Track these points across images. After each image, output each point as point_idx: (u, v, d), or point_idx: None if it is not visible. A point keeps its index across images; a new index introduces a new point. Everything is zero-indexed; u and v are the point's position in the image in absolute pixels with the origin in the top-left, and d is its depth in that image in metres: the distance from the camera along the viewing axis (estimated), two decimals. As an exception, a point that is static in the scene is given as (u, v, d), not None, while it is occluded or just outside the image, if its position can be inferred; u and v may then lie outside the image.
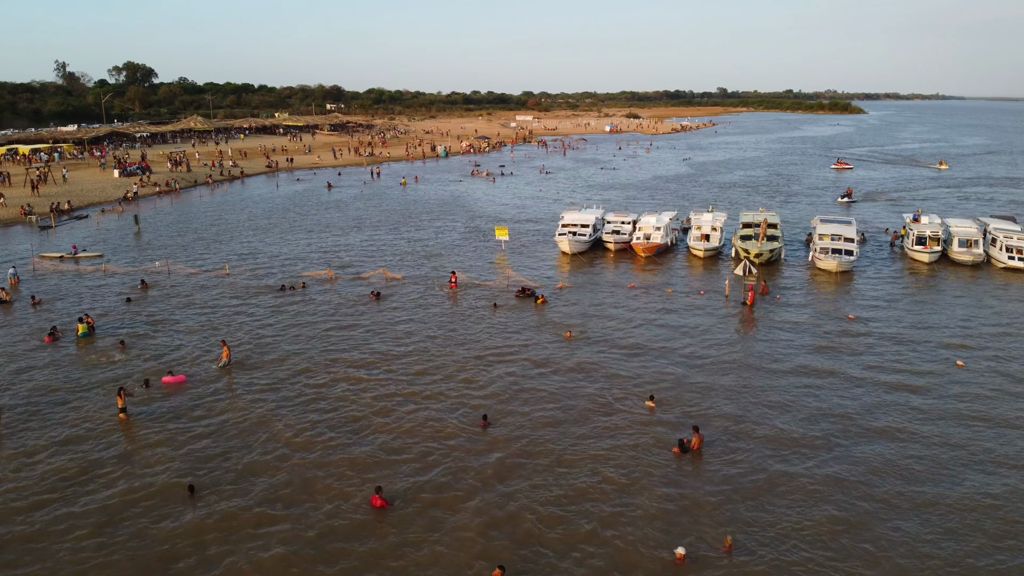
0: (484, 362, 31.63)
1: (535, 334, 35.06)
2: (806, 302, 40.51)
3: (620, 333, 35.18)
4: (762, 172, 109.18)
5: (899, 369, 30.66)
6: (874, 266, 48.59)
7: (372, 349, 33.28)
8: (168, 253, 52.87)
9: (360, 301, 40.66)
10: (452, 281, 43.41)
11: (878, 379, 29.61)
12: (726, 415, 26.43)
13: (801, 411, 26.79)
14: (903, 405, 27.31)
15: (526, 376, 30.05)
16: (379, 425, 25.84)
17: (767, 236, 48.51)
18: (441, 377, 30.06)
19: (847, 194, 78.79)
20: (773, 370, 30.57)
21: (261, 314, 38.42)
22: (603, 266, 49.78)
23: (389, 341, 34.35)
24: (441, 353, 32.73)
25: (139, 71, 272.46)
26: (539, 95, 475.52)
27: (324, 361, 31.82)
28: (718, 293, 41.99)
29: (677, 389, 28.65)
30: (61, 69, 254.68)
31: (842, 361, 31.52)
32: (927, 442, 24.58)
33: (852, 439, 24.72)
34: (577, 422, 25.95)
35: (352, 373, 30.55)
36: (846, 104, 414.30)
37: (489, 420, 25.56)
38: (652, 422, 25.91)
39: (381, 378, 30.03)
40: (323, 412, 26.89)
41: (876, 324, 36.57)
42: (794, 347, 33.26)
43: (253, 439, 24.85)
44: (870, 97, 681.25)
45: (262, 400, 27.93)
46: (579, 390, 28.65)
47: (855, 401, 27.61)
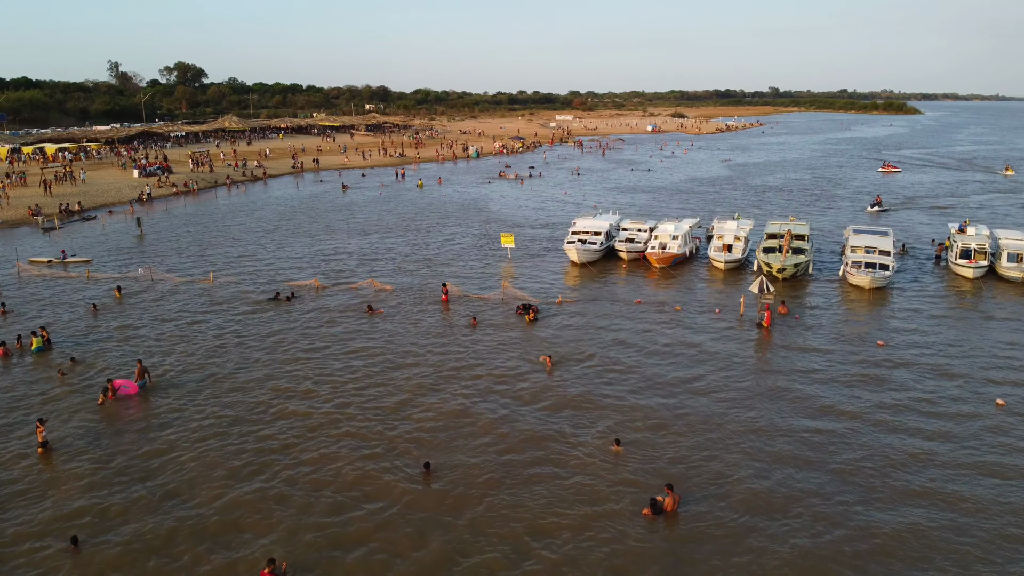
0: (440, 392, 28.21)
1: (509, 358, 31.48)
2: (832, 324, 36.25)
3: (611, 357, 31.46)
4: (805, 175, 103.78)
5: (929, 410, 26.40)
6: (913, 282, 43.93)
7: (326, 372, 30.18)
8: (163, 258, 50.81)
9: (341, 314, 37.67)
10: (444, 293, 40.17)
11: (903, 423, 25.45)
12: (714, 466, 22.65)
13: (810, 464, 22.82)
14: (930, 457, 23.16)
15: (483, 412, 26.49)
16: (300, 475, 22.65)
17: (793, 249, 44.18)
18: (390, 405, 26.75)
19: (876, 202, 72.47)
20: (782, 409, 26.60)
21: (229, 328, 35.69)
22: (613, 278, 46.06)
23: (348, 361, 31.24)
24: (397, 379, 29.44)
25: (189, 71, 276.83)
26: (586, 95, 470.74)
27: (266, 385, 28.85)
28: (733, 311, 37.99)
29: (659, 430, 24.90)
30: (114, 69, 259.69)
31: (864, 399, 27.37)
32: (965, 508, 20.50)
33: (872, 504, 20.73)
34: (527, 469, 22.44)
35: (292, 407, 27.49)
36: (901, 104, 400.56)
37: (432, 469, 22.20)
38: (622, 480, 22.25)
39: (322, 413, 26.90)
40: (237, 453, 23.83)
41: (908, 352, 32.21)
42: (810, 380, 29.19)
43: (159, 481, 21.94)
44: (927, 97, 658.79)
45: (188, 430, 25.04)
46: (541, 429, 25.07)
47: (875, 452, 23.53)
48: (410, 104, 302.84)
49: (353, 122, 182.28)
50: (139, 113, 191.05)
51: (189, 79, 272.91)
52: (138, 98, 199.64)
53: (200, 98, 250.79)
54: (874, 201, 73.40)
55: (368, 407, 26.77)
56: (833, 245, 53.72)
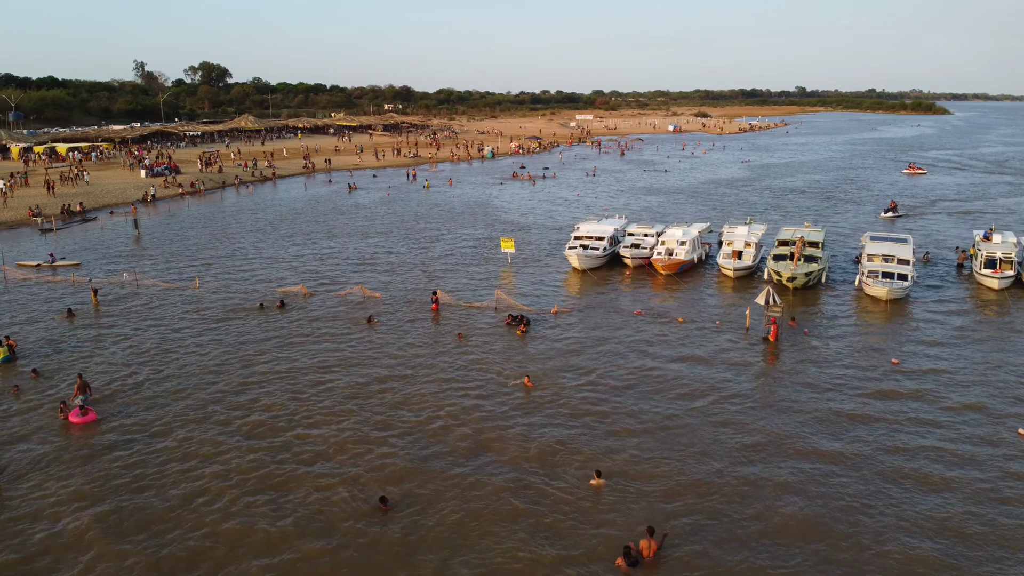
0: (414, 414, 26.34)
1: (489, 379, 29.38)
2: (844, 339, 33.83)
3: (600, 376, 29.32)
4: (827, 177, 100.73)
5: (945, 440, 24.06)
6: (934, 293, 41.31)
7: (295, 391, 28.38)
8: (155, 261, 49.52)
9: (325, 324, 35.91)
10: (434, 302, 38.28)
11: (916, 454, 23.14)
12: (707, 503, 20.55)
13: (812, 506, 20.69)
14: (949, 503, 20.88)
15: (454, 439, 24.54)
16: (241, 507, 20.91)
17: (806, 256, 41.70)
18: (349, 433, 24.85)
19: (891, 207, 68.12)
20: (780, 442, 24.30)
21: (205, 339, 34.05)
22: (616, 286, 43.93)
23: (321, 377, 29.44)
24: (371, 402, 27.57)
25: (214, 71, 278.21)
26: (609, 94, 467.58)
27: (229, 401, 27.14)
28: (739, 324, 35.70)
29: (646, 461, 22.78)
30: (140, 69, 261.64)
31: (872, 429, 25.03)
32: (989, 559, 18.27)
33: (875, 567, 18.56)
34: (494, 503, 20.46)
35: (248, 434, 25.75)
36: (930, 104, 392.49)
37: (390, 504, 20.29)
38: (601, 520, 20.22)
39: (279, 443, 25.12)
40: (193, 481, 22.12)
41: (925, 372, 29.79)
42: (814, 406, 26.85)
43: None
44: (957, 97, 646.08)
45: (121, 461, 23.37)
46: (515, 458, 23.08)
47: (878, 500, 21.29)
48: (431, 104, 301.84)
49: (371, 122, 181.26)
50: (160, 113, 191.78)
51: (214, 79, 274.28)
52: (159, 97, 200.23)
53: (223, 98, 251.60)
54: (888, 206, 69.39)
55: (335, 435, 24.94)
56: (852, 251, 51.14)
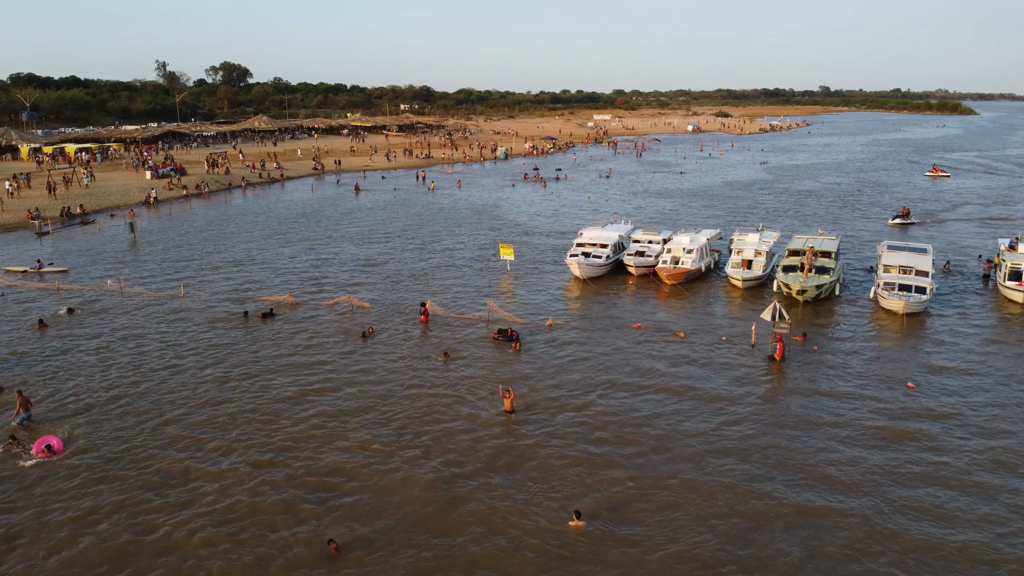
0: (383, 450, 24.54)
1: (471, 402, 27.55)
2: (855, 358, 31.62)
3: (588, 399, 27.34)
4: (847, 179, 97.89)
5: (961, 476, 21.92)
6: (955, 307, 38.90)
7: (260, 420, 26.71)
8: (147, 266, 48.21)
9: (306, 340, 34.26)
10: (423, 313, 36.50)
11: (931, 503, 21.03)
12: (695, 553, 18.60)
13: (815, 560, 18.68)
14: (968, 553, 18.79)
15: (421, 473, 22.79)
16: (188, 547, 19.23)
17: (817, 268, 39.40)
18: (303, 469, 23.16)
19: (902, 214, 63.90)
20: (783, 475, 22.36)
21: (180, 353, 32.53)
22: (619, 296, 41.94)
23: (292, 406, 27.77)
24: (342, 429, 25.85)
25: (235, 71, 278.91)
26: (630, 94, 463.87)
27: (186, 422, 25.53)
28: (744, 340, 33.61)
29: (633, 500, 20.87)
30: (162, 68, 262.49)
31: (884, 467, 22.97)
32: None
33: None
34: (460, 546, 18.64)
35: (199, 465, 24.09)
36: (956, 104, 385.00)
37: (339, 548, 18.53)
38: (579, 572, 18.33)
39: (231, 472, 23.44)
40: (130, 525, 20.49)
41: (943, 397, 27.57)
42: (821, 436, 24.79)
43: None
44: (983, 97, 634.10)
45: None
46: (486, 495, 21.24)
47: (893, 541, 19.24)
48: (449, 104, 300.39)
49: (385, 122, 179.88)
50: (183, 113, 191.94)
51: (234, 79, 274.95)
52: (176, 98, 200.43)
53: (242, 98, 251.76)
54: (898, 212, 64.95)
55: (293, 468, 23.24)
56: (869, 259, 48.76)
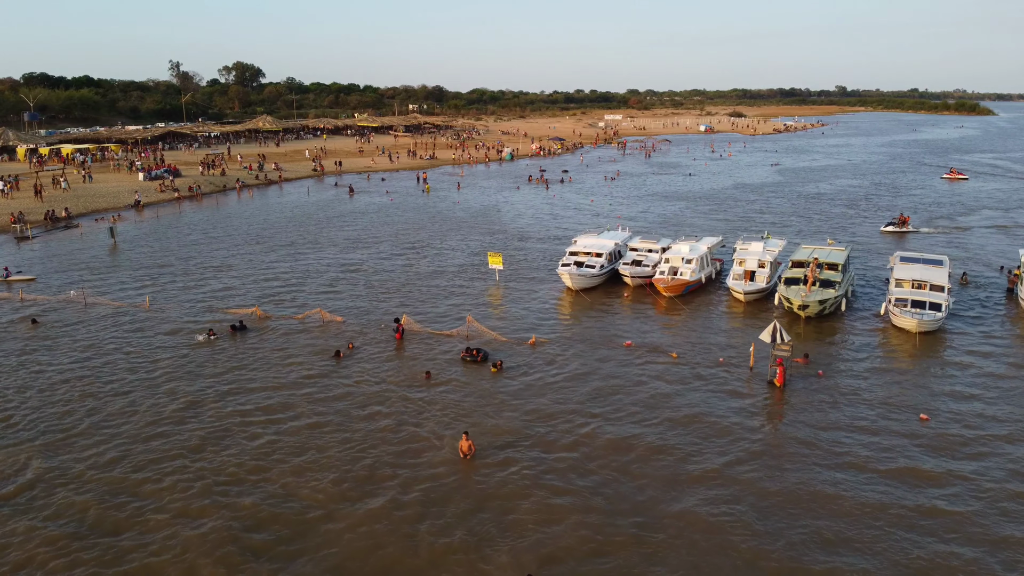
0: (344, 495, 22.16)
1: (426, 435, 25.12)
2: (864, 384, 28.85)
3: (560, 432, 24.68)
4: (861, 181, 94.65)
5: (988, 539, 19.22)
6: (973, 324, 35.97)
7: (202, 455, 24.35)
8: (119, 274, 46.06)
9: (268, 356, 31.88)
10: (397, 330, 33.99)
11: (946, 556, 18.36)
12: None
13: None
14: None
15: (353, 539, 20.37)
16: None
17: (822, 281, 36.55)
18: (256, 508, 20.79)
19: (899, 220, 59.57)
20: (780, 529, 19.73)
21: (136, 372, 30.25)
22: (612, 309, 39.30)
23: (241, 442, 25.38)
24: (294, 465, 23.47)
25: (247, 71, 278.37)
26: (644, 93, 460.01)
27: (126, 457, 23.19)
28: (742, 362, 30.90)
29: (599, 554, 18.32)
30: (175, 68, 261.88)
31: (893, 521, 20.29)
32: None
33: None
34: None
35: (123, 515, 21.72)
36: (974, 105, 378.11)
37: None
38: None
39: (160, 520, 21.05)
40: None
41: (960, 430, 24.81)
42: (825, 479, 22.14)
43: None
44: (1002, 98, 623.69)
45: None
46: (437, 542, 18.76)
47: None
48: (461, 104, 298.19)
49: (392, 123, 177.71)
50: (189, 112, 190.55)
51: (247, 79, 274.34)
52: (184, 98, 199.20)
53: (254, 98, 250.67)
54: (894, 219, 60.51)
55: (238, 513, 20.85)
56: (882, 270, 45.88)
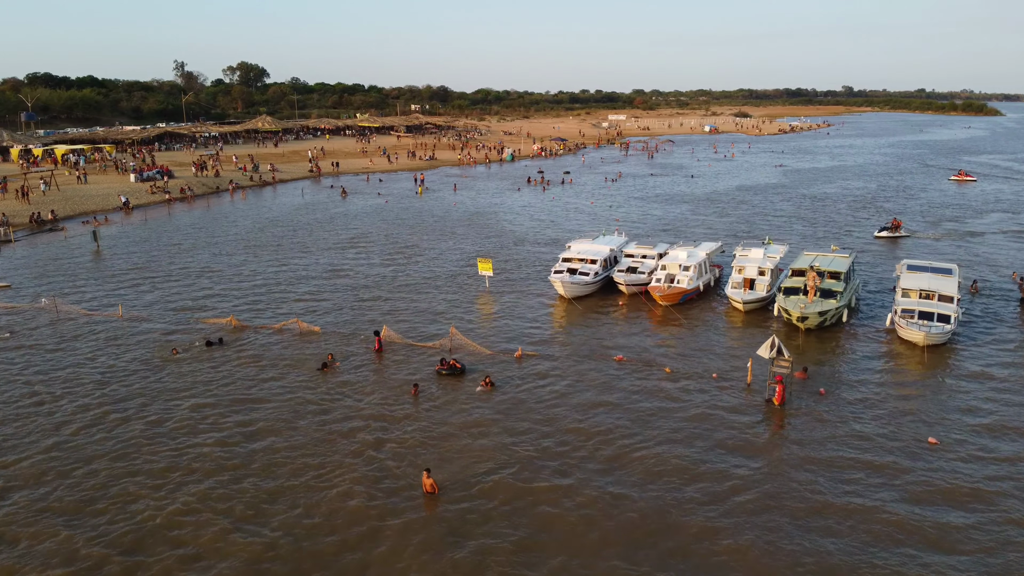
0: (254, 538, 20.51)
1: (388, 468, 23.54)
2: (868, 403, 27.06)
3: (540, 457, 23.04)
4: (868, 184, 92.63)
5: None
6: (986, 335, 34.14)
7: (151, 487, 22.76)
8: (96, 282, 44.56)
9: (240, 368, 30.28)
10: (376, 343, 32.31)
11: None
12: None
13: None
14: None
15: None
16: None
17: (823, 291, 34.63)
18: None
19: (894, 225, 57.48)
20: (778, 565, 18.04)
21: (96, 389, 28.71)
22: (606, 319, 37.56)
23: (187, 488, 23.78)
24: (223, 494, 21.85)
25: (251, 71, 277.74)
26: (650, 93, 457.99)
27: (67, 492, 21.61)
28: (739, 377, 29.16)
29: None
30: (180, 68, 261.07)
31: (902, 564, 18.58)
32: None
33: None
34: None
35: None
36: (981, 105, 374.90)
37: None
38: None
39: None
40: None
41: (973, 456, 23.03)
42: (825, 526, 20.42)
43: None
44: (1009, 98, 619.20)
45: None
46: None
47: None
48: (465, 104, 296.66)
49: (393, 123, 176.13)
50: (192, 112, 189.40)
51: (252, 79, 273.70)
52: (188, 97, 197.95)
53: (257, 98, 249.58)
54: (886, 224, 58.24)
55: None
56: (888, 278, 44.09)
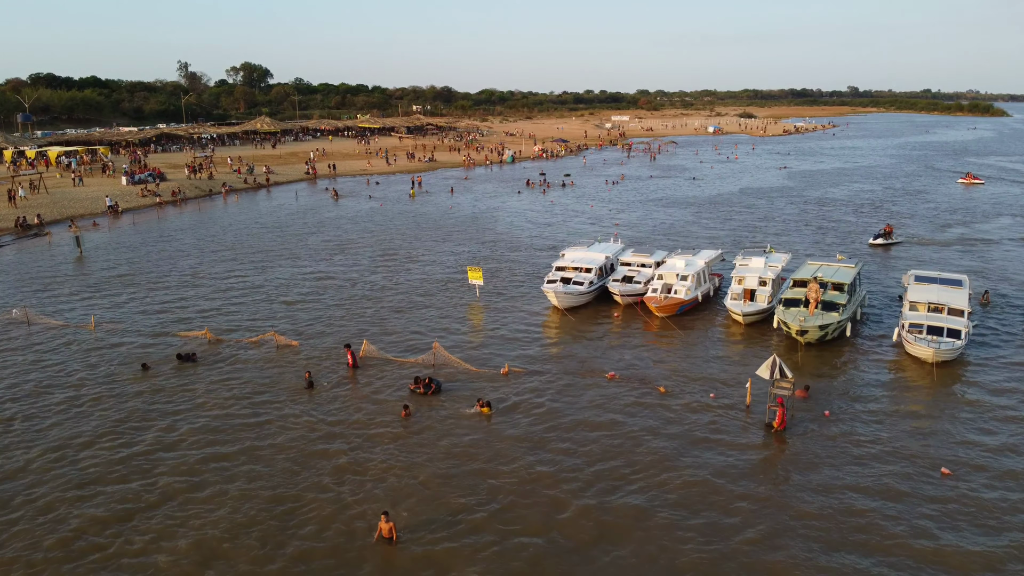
0: None
1: (342, 521, 21.92)
2: (875, 427, 25.32)
3: (520, 491, 21.39)
4: (874, 186, 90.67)
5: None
6: (999, 351, 32.31)
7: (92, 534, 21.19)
8: (74, 291, 43.07)
9: (212, 388, 28.71)
10: (349, 357, 30.61)
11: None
12: None
13: None
14: None
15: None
16: None
17: (824, 303, 32.83)
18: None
19: (884, 232, 55.63)
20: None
21: (52, 407, 27.18)
22: (599, 331, 35.86)
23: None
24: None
25: (255, 72, 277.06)
26: (654, 94, 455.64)
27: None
28: (738, 398, 27.45)
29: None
30: (183, 69, 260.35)
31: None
32: None
33: None
34: None
35: None
36: (987, 106, 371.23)
37: None
38: None
39: None
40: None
41: (991, 487, 21.31)
42: (831, 556, 18.76)
43: None
44: (1015, 98, 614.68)
45: None
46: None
47: None
48: (468, 105, 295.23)
49: (394, 123, 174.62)
50: (193, 113, 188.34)
51: (255, 80, 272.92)
52: (188, 98, 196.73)
53: (260, 98, 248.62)
54: (880, 231, 56.31)
55: None
56: (896, 287, 42.36)
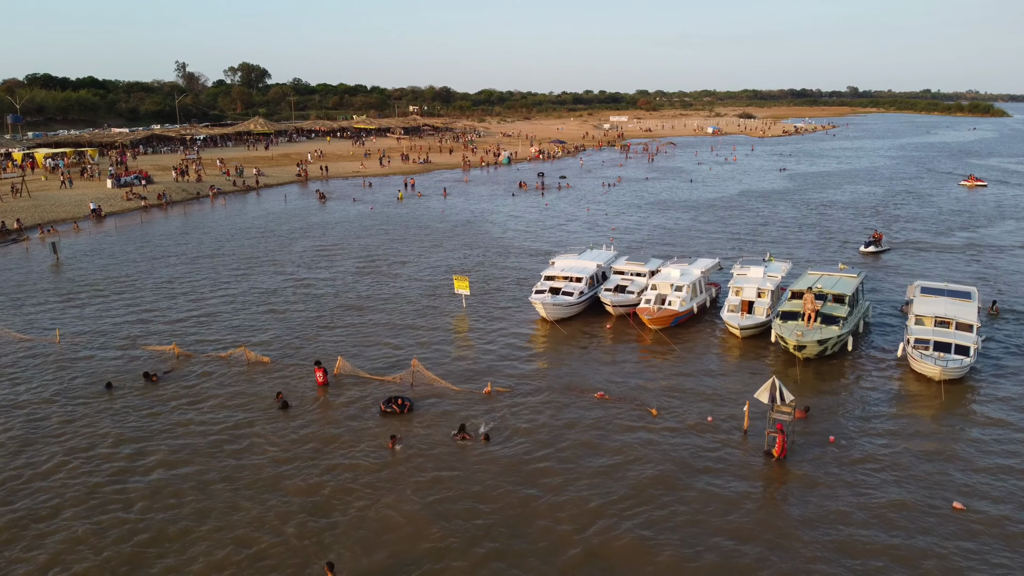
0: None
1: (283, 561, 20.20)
2: (880, 454, 23.61)
3: (491, 527, 19.88)
4: (875, 189, 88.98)
5: None
6: (1010, 367, 30.59)
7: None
8: (40, 301, 41.37)
9: (175, 406, 27.02)
10: (318, 376, 28.91)
11: None
12: None
13: None
14: None
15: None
16: None
17: (824, 316, 31.18)
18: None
19: (873, 239, 53.96)
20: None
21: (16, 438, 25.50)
22: (590, 345, 34.16)
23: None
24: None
25: (253, 72, 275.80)
26: (654, 94, 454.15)
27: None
28: (735, 422, 25.74)
29: None
30: (181, 69, 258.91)
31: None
32: None
33: None
34: None
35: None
36: (988, 106, 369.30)
37: None
38: None
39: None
40: None
41: (1009, 521, 19.65)
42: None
43: None
44: (1016, 99, 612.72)
45: None
46: None
47: None
48: (467, 105, 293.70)
49: (390, 124, 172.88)
50: (190, 113, 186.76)
51: (253, 80, 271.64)
52: (184, 98, 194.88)
53: (258, 99, 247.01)
54: (869, 239, 54.59)
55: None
56: (900, 297, 40.70)
